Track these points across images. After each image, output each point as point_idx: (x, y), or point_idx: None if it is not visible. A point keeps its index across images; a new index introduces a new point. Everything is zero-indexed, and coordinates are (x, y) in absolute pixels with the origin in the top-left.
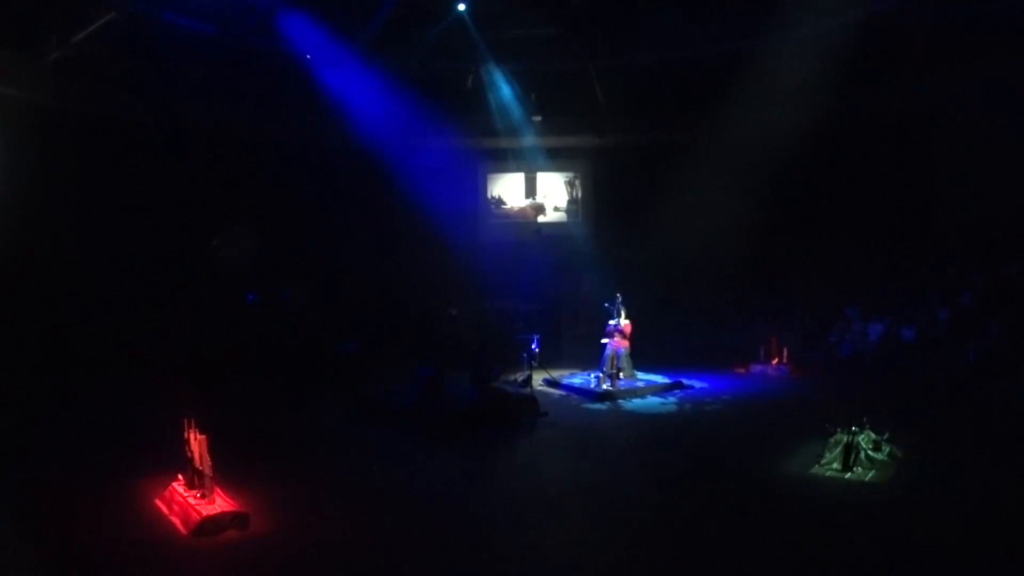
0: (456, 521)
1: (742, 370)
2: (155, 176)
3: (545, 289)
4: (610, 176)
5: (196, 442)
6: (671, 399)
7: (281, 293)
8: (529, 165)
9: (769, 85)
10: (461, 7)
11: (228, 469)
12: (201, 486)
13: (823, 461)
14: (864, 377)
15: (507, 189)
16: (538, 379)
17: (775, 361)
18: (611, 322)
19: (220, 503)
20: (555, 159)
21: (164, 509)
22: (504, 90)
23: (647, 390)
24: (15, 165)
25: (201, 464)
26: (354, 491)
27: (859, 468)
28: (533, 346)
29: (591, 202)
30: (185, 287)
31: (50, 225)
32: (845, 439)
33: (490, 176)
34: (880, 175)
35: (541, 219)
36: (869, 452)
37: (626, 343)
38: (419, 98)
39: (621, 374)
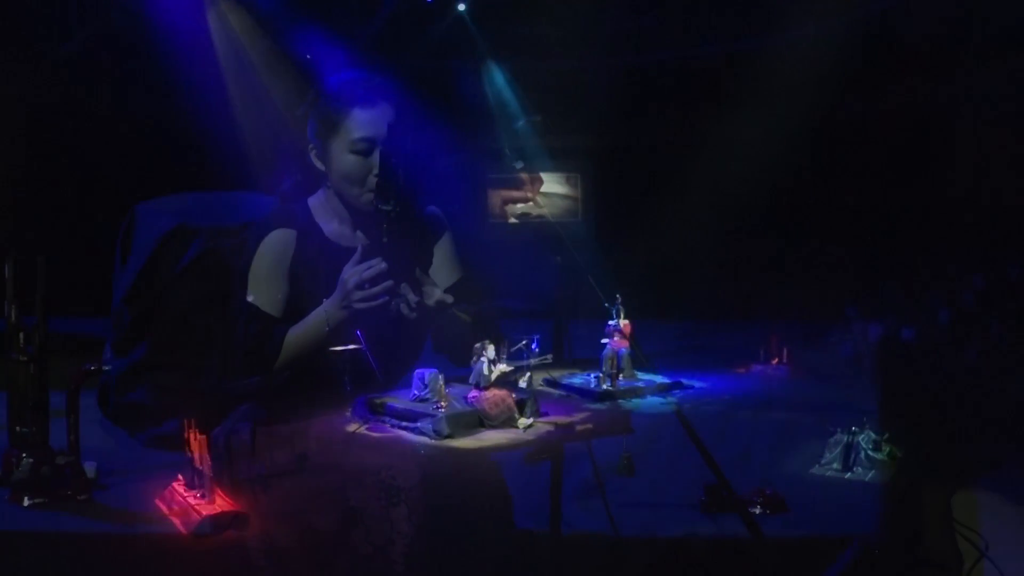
0: (456, 521)
1: (742, 370)
2: (156, 177)
3: (545, 289)
4: (610, 176)
5: (196, 442)
6: (671, 399)
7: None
8: (529, 165)
9: (769, 85)
10: (461, 7)
11: (227, 469)
12: (201, 486)
13: (823, 461)
14: (864, 377)
15: (506, 189)
16: (538, 379)
17: (775, 361)
18: (611, 322)
19: (220, 503)
20: (555, 159)
21: (164, 509)
22: (504, 89)
23: (647, 390)
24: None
25: (201, 464)
26: (354, 491)
27: (859, 468)
28: (533, 346)
29: (591, 202)
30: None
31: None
32: (845, 439)
33: (489, 176)
34: (881, 175)
35: (540, 218)
36: (869, 452)
37: (626, 343)
38: (418, 98)
39: (621, 374)
